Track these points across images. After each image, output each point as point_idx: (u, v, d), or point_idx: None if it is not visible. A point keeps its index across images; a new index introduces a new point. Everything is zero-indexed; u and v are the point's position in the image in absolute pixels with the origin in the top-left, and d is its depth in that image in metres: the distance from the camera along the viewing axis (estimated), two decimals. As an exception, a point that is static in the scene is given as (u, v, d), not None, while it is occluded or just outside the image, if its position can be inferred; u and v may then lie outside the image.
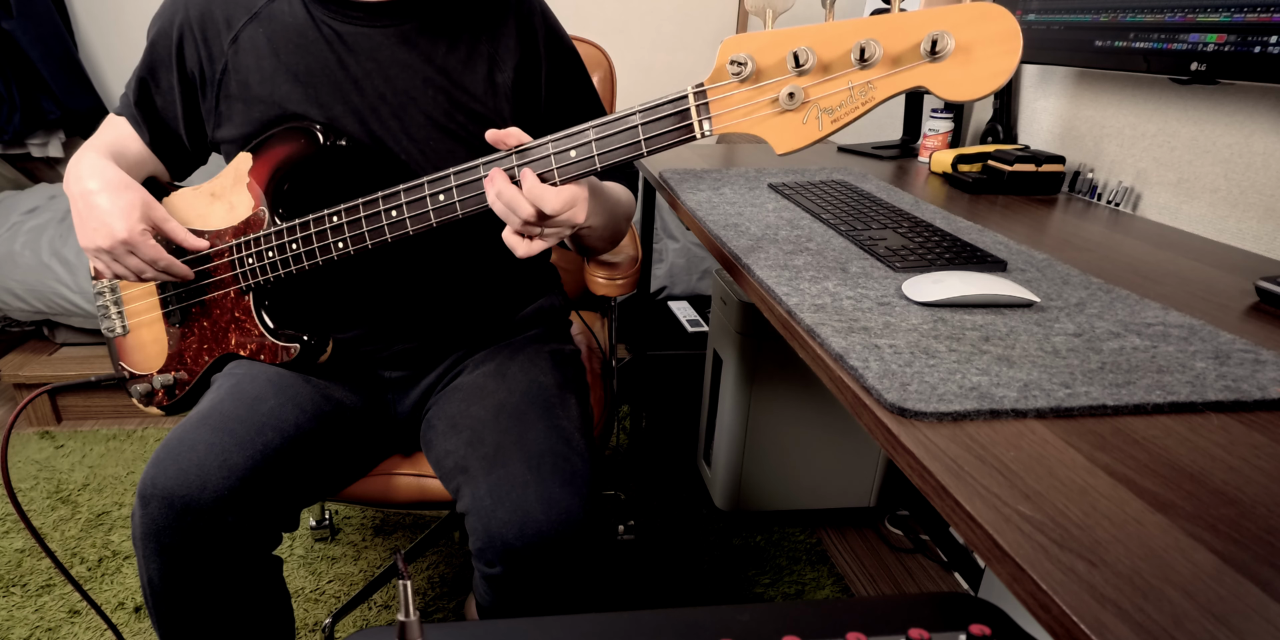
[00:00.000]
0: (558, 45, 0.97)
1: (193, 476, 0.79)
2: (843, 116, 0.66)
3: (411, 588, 0.44)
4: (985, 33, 0.61)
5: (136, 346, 1.03)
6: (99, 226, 0.85)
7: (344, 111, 0.90)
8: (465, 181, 0.79)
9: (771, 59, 0.66)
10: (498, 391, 0.93)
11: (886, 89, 0.65)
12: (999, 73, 0.61)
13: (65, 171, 0.91)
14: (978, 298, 0.74)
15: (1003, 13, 0.60)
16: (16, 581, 1.46)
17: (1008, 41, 0.60)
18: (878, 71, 0.64)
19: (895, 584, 1.49)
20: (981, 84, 0.62)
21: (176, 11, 0.92)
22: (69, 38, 2.18)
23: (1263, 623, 0.38)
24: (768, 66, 0.67)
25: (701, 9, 2.40)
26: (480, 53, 0.92)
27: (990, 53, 0.61)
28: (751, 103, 0.68)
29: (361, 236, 0.85)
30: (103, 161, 0.89)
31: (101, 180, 0.86)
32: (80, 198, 0.86)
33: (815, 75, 0.66)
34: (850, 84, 0.65)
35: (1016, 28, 0.60)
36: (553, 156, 0.75)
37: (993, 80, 0.61)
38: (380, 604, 1.42)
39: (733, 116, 0.69)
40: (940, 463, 0.51)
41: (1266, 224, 0.99)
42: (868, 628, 0.51)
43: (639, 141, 0.72)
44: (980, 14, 0.60)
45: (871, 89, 0.65)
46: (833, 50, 0.64)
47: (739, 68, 0.66)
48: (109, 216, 0.84)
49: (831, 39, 0.64)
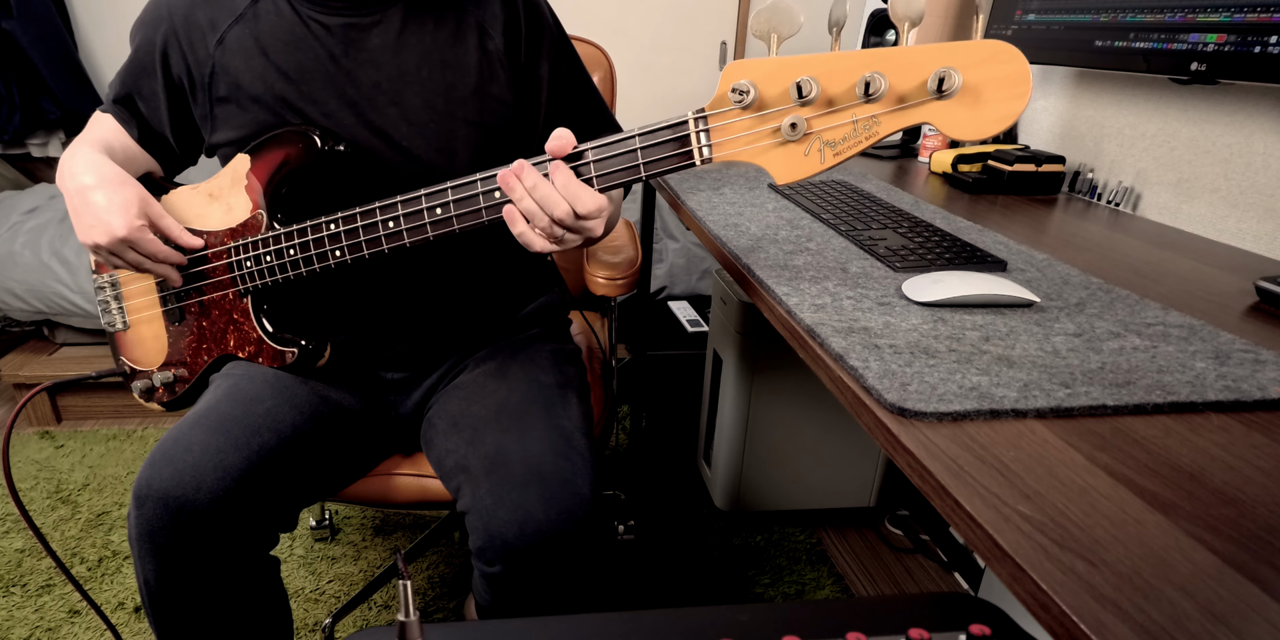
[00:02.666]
0: (534, 9, 0.95)
1: (188, 477, 0.79)
2: (845, 150, 0.65)
3: (411, 588, 0.44)
4: (995, 74, 0.59)
5: (136, 342, 1.03)
6: (96, 223, 0.84)
7: (339, 105, 0.90)
8: (462, 196, 0.78)
9: (775, 89, 0.64)
10: (498, 390, 0.93)
11: (891, 124, 0.63)
12: (1006, 116, 0.60)
13: (58, 167, 0.89)
14: (978, 298, 0.74)
15: (1014, 54, 0.58)
16: (16, 581, 1.46)
17: (1017, 85, 0.59)
18: (883, 106, 0.62)
19: (895, 584, 1.49)
20: (987, 126, 0.60)
21: (160, 20, 0.91)
22: (69, 38, 2.18)
23: (1263, 623, 0.38)
24: (771, 96, 0.65)
25: (701, 9, 2.40)
26: (468, 24, 0.91)
27: (999, 95, 0.59)
28: (753, 132, 0.67)
29: (359, 246, 0.85)
30: (97, 156, 0.88)
31: (97, 175, 0.85)
32: (76, 194, 0.85)
33: (819, 107, 0.64)
34: (854, 118, 0.63)
35: (1027, 71, 0.59)
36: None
37: (999, 123, 0.60)
38: (380, 604, 1.42)
39: (734, 145, 0.67)
40: (940, 463, 0.51)
41: (1266, 224, 0.99)
42: (868, 628, 0.51)
43: (637, 165, 0.71)
44: (991, 54, 0.59)
45: (876, 123, 0.63)
46: (838, 83, 0.63)
47: (741, 96, 0.65)
48: (106, 213, 0.84)
49: (836, 71, 0.62)
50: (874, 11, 1.58)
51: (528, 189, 0.71)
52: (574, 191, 0.70)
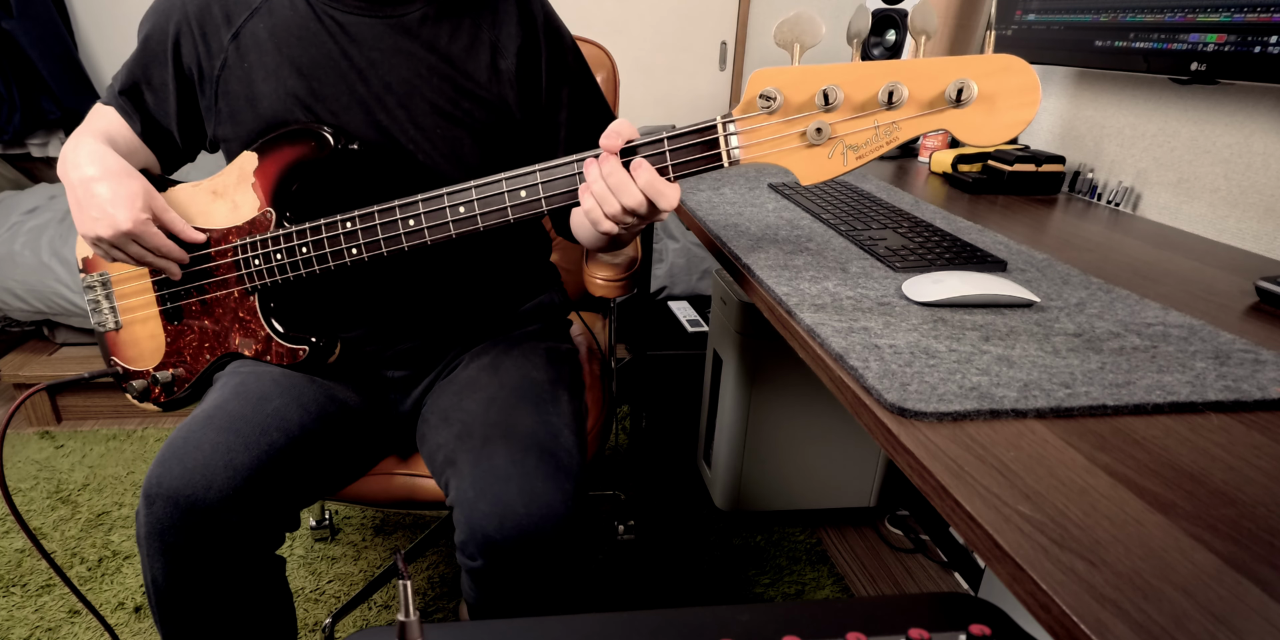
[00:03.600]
0: (555, 34, 0.97)
1: (198, 476, 0.79)
2: (867, 154, 0.69)
3: (411, 588, 0.44)
4: (1007, 84, 0.64)
5: (130, 342, 1.02)
6: (100, 216, 0.83)
7: (349, 103, 0.90)
8: (487, 195, 0.80)
9: (801, 95, 0.68)
10: (489, 385, 0.92)
11: (911, 130, 0.67)
12: (1018, 123, 0.65)
13: (60, 157, 0.88)
14: (978, 298, 0.74)
15: (1024, 67, 0.64)
16: (16, 581, 1.46)
17: (1027, 94, 0.64)
18: (904, 113, 0.67)
19: (895, 584, 1.49)
20: (1001, 131, 0.65)
21: (173, 9, 0.91)
22: (69, 38, 2.18)
23: (1263, 623, 0.38)
24: (797, 102, 0.69)
25: (701, 9, 2.40)
26: (482, 40, 0.92)
27: (1011, 103, 0.65)
28: (780, 135, 0.70)
29: (377, 244, 0.85)
30: (101, 147, 0.87)
31: (101, 167, 0.85)
32: (80, 185, 0.84)
33: (843, 113, 0.68)
34: (877, 123, 0.68)
35: (1036, 82, 0.64)
36: (577, 177, 0.76)
37: (1012, 129, 0.65)
38: (380, 604, 1.42)
39: (761, 148, 0.71)
40: (940, 463, 0.51)
41: (1266, 224, 0.99)
42: (868, 628, 0.51)
43: (666, 167, 0.74)
44: (1003, 66, 0.64)
45: (896, 129, 0.68)
46: (861, 91, 0.67)
47: (768, 102, 0.68)
48: (111, 205, 0.83)
49: (860, 79, 0.67)
50: (874, 11, 1.58)
51: (603, 174, 0.74)
52: (658, 188, 0.73)
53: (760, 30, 2.44)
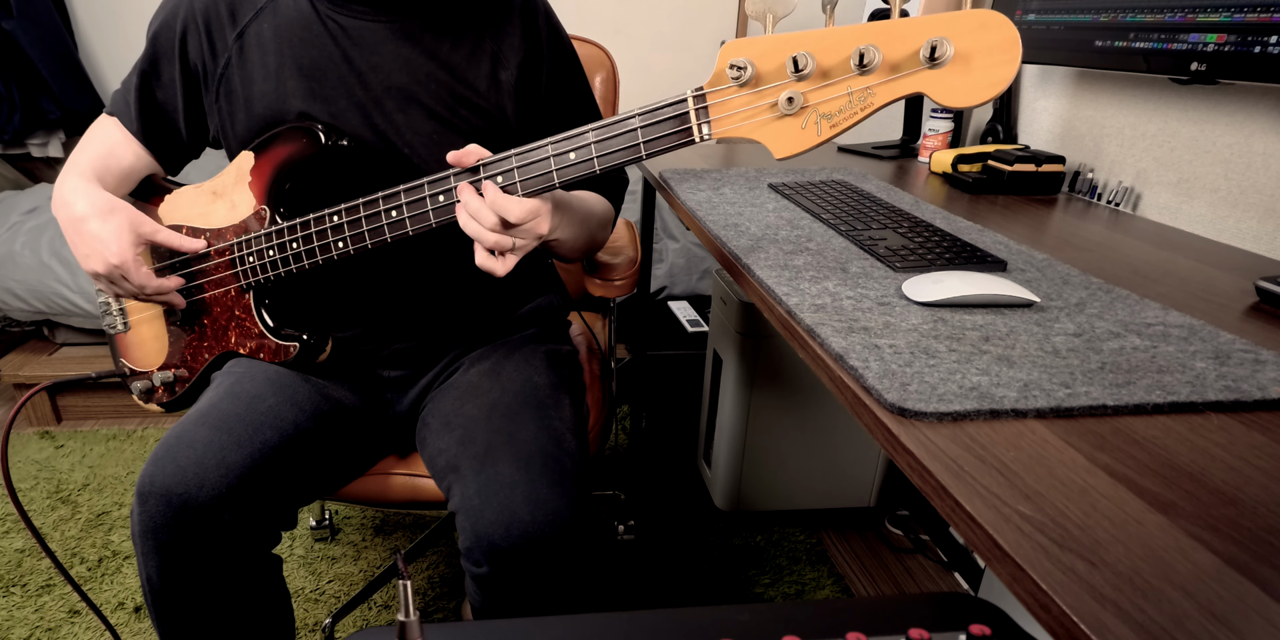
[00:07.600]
0: (560, 47, 0.98)
1: (191, 475, 0.79)
2: (841, 122, 0.66)
3: (411, 588, 0.44)
4: (985, 42, 0.61)
5: (136, 343, 1.03)
6: (91, 253, 0.86)
7: (348, 105, 0.90)
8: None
9: (771, 64, 0.66)
10: (491, 390, 0.93)
11: (885, 95, 0.65)
12: (998, 81, 0.61)
13: (53, 195, 0.91)
14: (978, 298, 0.74)
15: (1003, 22, 0.60)
16: (16, 581, 1.46)
17: (1007, 51, 0.60)
18: (877, 78, 0.64)
19: (895, 584, 1.49)
20: (980, 92, 0.62)
21: (180, 6, 0.92)
22: (69, 38, 2.18)
23: (1263, 623, 0.38)
24: (767, 71, 0.67)
25: (701, 9, 2.40)
26: (484, 50, 0.93)
27: (989, 61, 0.61)
28: (751, 107, 0.68)
29: (361, 236, 0.85)
30: (85, 184, 0.90)
31: (88, 203, 0.87)
32: (70, 224, 0.88)
33: (815, 80, 0.66)
34: (849, 89, 0.65)
35: (1016, 37, 0.60)
36: (552, 159, 0.75)
37: (991, 88, 0.61)
38: (380, 604, 1.42)
39: (732, 121, 0.69)
40: (940, 463, 0.51)
41: (1266, 224, 0.99)
42: (868, 628, 0.51)
43: (638, 144, 0.73)
44: (980, 23, 0.60)
45: (870, 95, 0.65)
46: (832, 56, 0.64)
47: (738, 72, 0.66)
48: (100, 242, 0.86)
49: (831, 45, 0.64)
50: (874, 11, 1.58)
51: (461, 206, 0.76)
52: (502, 203, 0.74)
53: (760, 30, 2.44)
